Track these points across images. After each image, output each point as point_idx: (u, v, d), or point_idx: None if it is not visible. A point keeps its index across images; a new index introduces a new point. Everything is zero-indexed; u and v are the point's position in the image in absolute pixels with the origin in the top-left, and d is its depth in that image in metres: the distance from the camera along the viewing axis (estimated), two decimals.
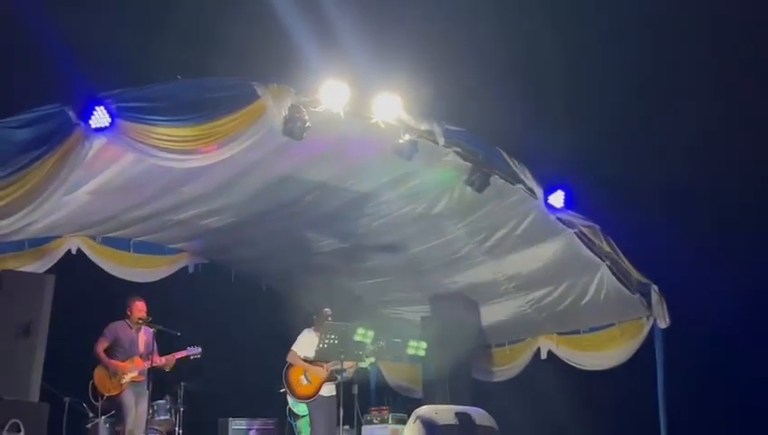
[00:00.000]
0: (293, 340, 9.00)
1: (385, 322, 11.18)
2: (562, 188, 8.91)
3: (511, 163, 8.78)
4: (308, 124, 7.68)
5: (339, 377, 8.50)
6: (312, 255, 10.81)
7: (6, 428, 6.54)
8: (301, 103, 7.66)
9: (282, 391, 8.85)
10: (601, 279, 9.47)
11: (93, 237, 9.91)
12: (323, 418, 8.66)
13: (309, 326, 9.09)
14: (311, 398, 8.73)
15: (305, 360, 8.78)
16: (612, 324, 9.89)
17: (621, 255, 9.38)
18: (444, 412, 7.38)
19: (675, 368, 9.34)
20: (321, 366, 8.70)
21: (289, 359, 8.85)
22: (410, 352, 9.66)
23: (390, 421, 10.17)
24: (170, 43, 9.35)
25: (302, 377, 8.78)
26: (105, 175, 7.73)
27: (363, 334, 8.50)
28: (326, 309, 9.02)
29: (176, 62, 8.16)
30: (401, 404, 11.28)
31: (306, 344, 8.82)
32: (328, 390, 8.74)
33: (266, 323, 10.65)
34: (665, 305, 9.39)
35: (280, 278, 11.67)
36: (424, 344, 9.65)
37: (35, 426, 6.81)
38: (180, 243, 10.66)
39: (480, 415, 7.43)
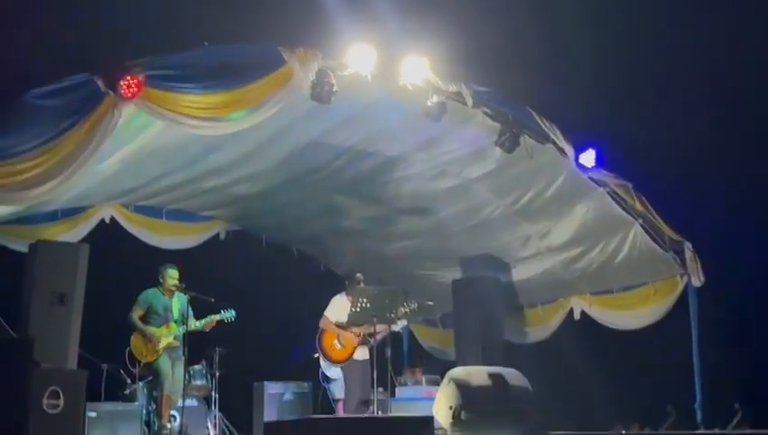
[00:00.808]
0: (325, 304, 9.03)
1: (417, 284, 11.18)
2: (594, 147, 8.82)
3: (541, 123, 8.68)
4: (335, 88, 7.65)
5: (371, 340, 8.53)
6: (341, 219, 10.82)
7: (46, 395, 6.65)
8: (328, 67, 7.62)
9: (316, 356, 8.90)
10: (634, 238, 9.39)
11: (126, 206, 9.98)
12: (357, 381, 8.71)
13: (341, 291, 9.12)
14: (344, 362, 8.78)
15: (337, 324, 8.82)
16: (646, 283, 9.81)
17: (654, 213, 9.28)
18: (477, 374, 7.37)
19: (709, 326, 9.27)
20: (354, 330, 8.73)
21: (321, 324, 8.90)
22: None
23: (424, 383, 10.22)
24: (196, 8, 9.31)
25: (336, 341, 8.83)
26: (135, 143, 7.75)
27: (395, 297, 8.50)
28: (358, 274, 9.03)
29: (202, 28, 8.14)
30: (434, 366, 11.33)
31: (338, 309, 8.85)
32: (361, 353, 8.78)
33: (298, 288, 10.72)
34: (699, 263, 9.30)
35: (311, 243, 11.71)
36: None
37: (74, 393, 6.92)
38: (211, 210, 10.71)
39: (513, 376, 7.41)
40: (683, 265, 9.38)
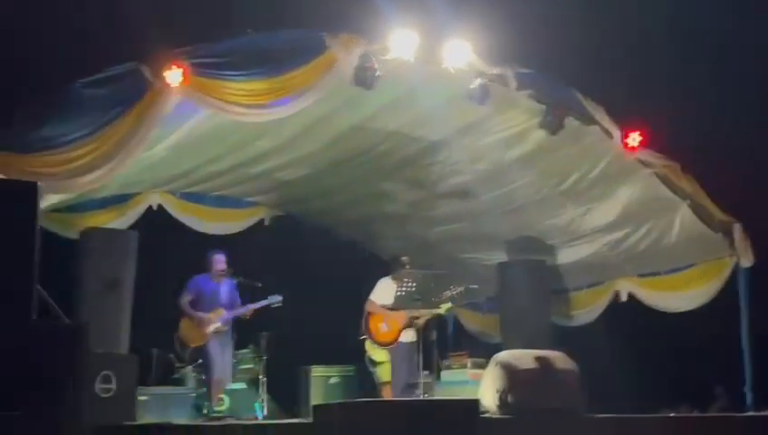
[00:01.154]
0: (370, 288, 9.06)
1: (461, 268, 11.17)
2: (640, 128, 8.70)
3: (586, 104, 8.60)
4: (378, 73, 7.66)
5: (417, 323, 8.54)
6: (385, 203, 10.84)
7: (99, 379, 6.79)
8: (370, 52, 7.64)
9: (362, 338, 8.95)
10: (682, 219, 9.26)
11: (173, 193, 10.11)
12: (403, 364, 8.73)
13: (385, 275, 9.15)
14: (391, 344, 8.81)
15: (383, 307, 8.85)
16: (694, 265, 9.68)
17: (702, 193, 9.15)
18: (523, 357, 7.36)
19: (758, 307, 9.13)
20: (400, 313, 8.75)
21: (367, 307, 8.93)
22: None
23: (469, 366, 10.22)
24: None
25: (382, 324, 8.86)
26: (181, 131, 7.85)
27: (440, 280, 8.51)
28: (403, 257, 9.05)
29: (245, 16, 8.18)
30: (480, 349, 11.32)
31: (383, 292, 8.88)
32: (407, 336, 8.80)
33: (342, 273, 10.76)
34: (749, 243, 9.16)
35: (354, 228, 11.75)
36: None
37: (126, 377, 7.07)
38: (256, 196, 10.81)
39: (560, 359, 7.39)
40: (732, 245, 9.23)
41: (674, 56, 10.17)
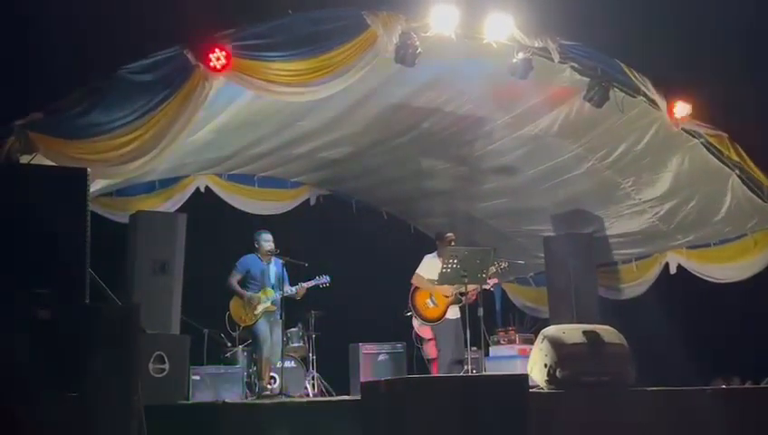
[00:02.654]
0: (416, 265, 9.08)
1: (508, 243, 11.15)
2: (687, 97, 8.57)
3: (631, 75, 8.48)
4: (419, 50, 7.64)
5: (463, 299, 8.55)
6: (429, 180, 10.84)
7: (152, 359, 6.92)
8: (411, 29, 7.61)
9: (407, 314, 8.98)
10: (732, 189, 9.11)
11: (219, 175, 10.23)
12: (450, 340, 8.75)
13: (431, 252, 9.16)
14: (437, 320, 8.83)
15: (430, 282, 8.86)
16: (745, 235, 9.55)
17: (752, 163, 8.99)
18: (571, 331, 7.32)
19: None
20: (446, 289, 8.76)
21: (414, 282, 8.95)
22: None
23: (517, 341, 10.22)
24: None
25: (429, 300, 8.88)
26: (226, 113, 7.93)
27: (485, 256, 8.49)
28: (448, 234, 9.05)
29: None
30: (528, 324, 11.32)
31: (429, 268, 8.88)
32: (453, 312, 8.80)
33: (389, 251, 10.80)
34: None
35: (400, 205, 11.78)
36: None
37: (178, 357, 7.18)
38: (301, 176, 10.88)
39: (609, 333, 7.33)
40: None
41: (720, 25, 9.94)
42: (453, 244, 8.94)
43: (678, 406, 7.13)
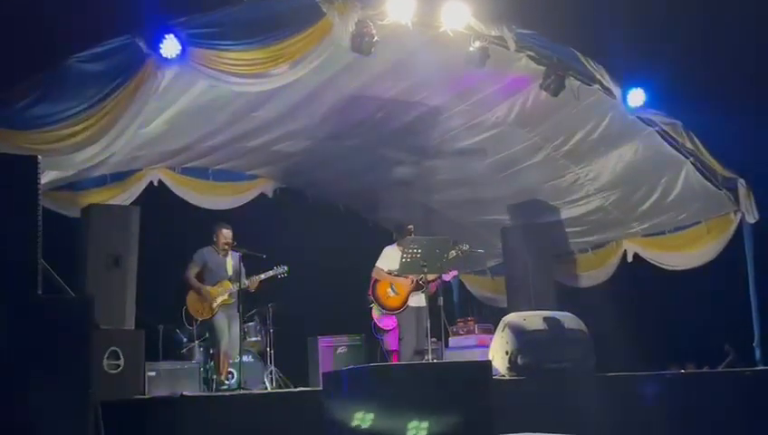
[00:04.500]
0: (374, 258, 9.03)
1: (465, 234, 11.12)
2: (641, 86, 8.64)
3: (586, 63, 8.52)
4: (375, 39, 7.58)
5: (425, 287, 8.52)
6: (386, 172, 10.78)
7: (106, 355, 6.78)
8: (367, 17, 7.55)
9: (370, 305, 8.93)
10: (686, 176, 9.23)
11: (173, 168, 10.05)
12: (412, 329, 8.73)
13: (390, 244, 9.12)
14: (399, 309, 8.79)
15: (389, 273, 8.83)
16: (699, 222, 9.67)
17: (705, 150, 9.10)
18: (532, 318, 7.35)
19: (765, 262, 9.10)
20: (406, 278, 8.73)
21: (374, 274, 8.91)
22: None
23: (477, 331, 10.22)
24: None
25: (389, 289, 8.84)
26: (179, 104, 7.80)
27: (444, 245, 8.46)
28: (409, 226, 9.02)
29: None
30: (486, 315, 11.32)
31: (390, 259, 8.85)
32: (416, 301, 8.78)
33: (346, 243, 10.74)
34: (753, 199, 9.13)
35: (357, 198, 11.71)
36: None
37: (133, 352, 7.05)
38: (257, 169, 10.76)
39: (569, 319, 7.38)
40: (736, 201, 9.21)
41: (672, 12, 10.05)
42: (412, 235, 8.90)
43: (638, 391, 7.18)
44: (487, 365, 6.15)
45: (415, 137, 9.88)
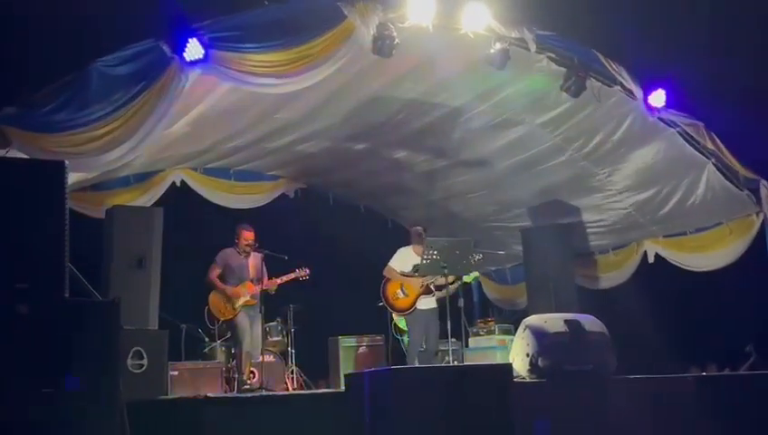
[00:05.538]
0: None
1: (486, 236, 11.15)
2: (663, 87, 8.62)
3: (607, 65, 8.52)
4: (396, 41, 7.61)
5: (435, 291, 8.51)
6: (406, 173, 10.81)
7: (130, 355, 6.86)
8: (388, 20, 7.58)
9: (380, 304, 8.98)
10: (708, 178, 9.21)
11: (195, 169, 10.12)
12: (419, 331, 8.78)
13: (405, 245, 9.15)
14: (408, 310, 8.83)
15: (402, 274, 8.85)
16: (720, 223, 9.64)
17: (727, 151, 9.08)
18: (553, 320, 7.35)
19: None
20: (417, 280, 8.75)
21: (385, 273, 8.98)
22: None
23: (497, 332, 10.23)
24: None
25: (399, 290, 8.89)
26: (202, 106, 7.85)
27: (465, 248, 8.47)
28: (417, 227, 9.06)
29: None
30: (507, 315, 11.34)
31: (403, 260, 8.91)
32: (425, 303, 8.81)
33: (366, 244, 10.76)
34: None
35: (377, 199, 11.74)
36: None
37: (156, 352, 7.14)
38: (278, 169, 10.81)
39: (590, 322, 7.37)
40: (758, 203, 9.19)
41: (697, 13, 10.00)
42: (421, 236, 8.92)
43: (659, 393, 7.18)
44: (508, 368, 6.17)
45: (435, 139, 9.89)
